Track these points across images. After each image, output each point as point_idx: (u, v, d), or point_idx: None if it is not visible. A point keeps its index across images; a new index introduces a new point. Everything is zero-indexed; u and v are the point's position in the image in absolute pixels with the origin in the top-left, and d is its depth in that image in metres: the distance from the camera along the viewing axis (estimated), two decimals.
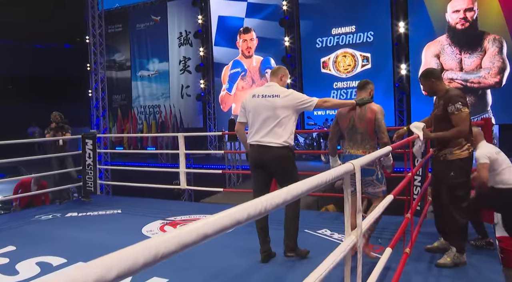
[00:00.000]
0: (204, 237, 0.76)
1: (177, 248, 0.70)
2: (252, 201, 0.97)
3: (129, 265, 0.60)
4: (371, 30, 12.87)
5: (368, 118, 3.58)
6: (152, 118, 16.94)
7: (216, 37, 15.69)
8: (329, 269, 1.43)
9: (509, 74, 11.07)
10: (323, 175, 1.40)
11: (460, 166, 3.49)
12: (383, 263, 2.34)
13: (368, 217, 2.00)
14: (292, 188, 1.11)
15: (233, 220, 0.84)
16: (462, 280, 3.25)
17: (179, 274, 3.44)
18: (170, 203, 7.02)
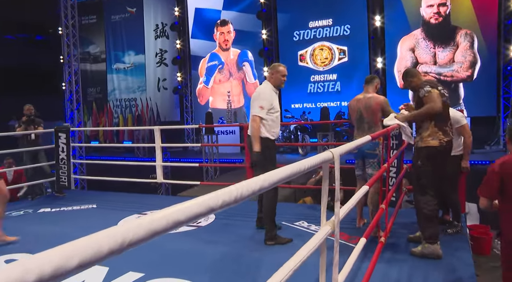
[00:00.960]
0: (176, 224, 0.74)
1: (146, 234, 0.67)
2: (228, 187, 0.95)
3: (93, 253, 0.57)
4: (348, 23, 12.96)
5: (374, 109, 4.05)
6: (128, 112, 16.68)
7: (193, 29, 15.52)
8: (305, 257, 1.43)
9: (480, 68, 11.34)
10: (302, 162, 1.39)
11: (426, 154, 3.51)
12: (357, 252, 2.36)
13: (344, 207, 2.02)
14: (269, 174, 1.10)
15: (206, 206, 0.82)
16: (433, 267, 3.32)
17: (155, 268, 3.41)
18: (146, 196, 6.94)
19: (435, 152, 3.50)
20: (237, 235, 4.34)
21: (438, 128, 3.50)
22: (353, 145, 2.15)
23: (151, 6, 16.26)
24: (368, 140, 2.59)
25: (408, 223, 4.48)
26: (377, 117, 4.08)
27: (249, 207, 5.41)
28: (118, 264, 3.37)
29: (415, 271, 3.28)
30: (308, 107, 13.37)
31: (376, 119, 4.08)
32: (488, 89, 11.30)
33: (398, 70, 12.27)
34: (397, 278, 3.12)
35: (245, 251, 3.82)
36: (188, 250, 3.89)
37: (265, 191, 1.07)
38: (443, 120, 3.54)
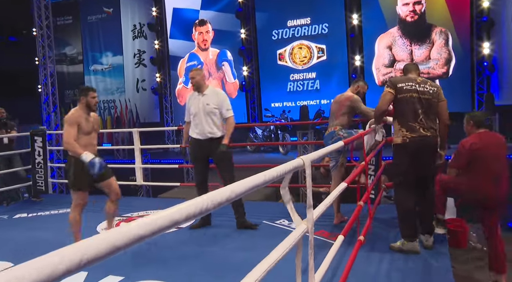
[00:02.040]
0: (139, 239, 0.72)
1: (106, 252, 0.65)
2: (194, 199, 0.95)
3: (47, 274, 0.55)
4: (326, 22, 13.05)
5: (341, 103, 4.36)
6: (107, 114, 16.44)
7: (171, 29, 15.39)
8: (280, 256, 1.44)
9: (454, 65, 11.57)
10: (274, 170, 1.40)
11: (394, 151, 3.59)
12: (335, 249, 2.38)
13: (320, 206, 2.03)
14: (237, 185, 1.10)
15: (171, 220, 0.81)
16: (411, 261, 3.38)
17: (135, 271, 3.38)
18: (126, 199, 6.82)
19: (400, 149, 3.50)
20: (218, 235, 4.34)
21: (401, 125, 3.50)
22: (324, 151, 2.19)
23: (128, 6, 16.07)
24: (341, 145, 2.66)
25: (387, 219, 4.54)
26: (341, 110, 4.34)
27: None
28: (97, 268, 3.32)
29: (393, 266, 3.33)
30: (288, 106, 13.42)
31: (338, 113, 4.36)
32: (463, 86, 11.54)
33: (376, 67, 12.42)
34: (375, 274, 3.16)
35: (226, 251, 3.82)
36: (168, 251, 3.87)
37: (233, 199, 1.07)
38: (407, 116, 3.49)
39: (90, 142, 3.91)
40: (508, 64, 11.12)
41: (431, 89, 3.59)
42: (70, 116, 3.82)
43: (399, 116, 3.53)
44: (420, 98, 3.53)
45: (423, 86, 3.57)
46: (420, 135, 3.45)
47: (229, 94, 14.39)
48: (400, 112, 3.52)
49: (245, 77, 14.08)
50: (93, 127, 3.95)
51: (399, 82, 3.58)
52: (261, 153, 12.58)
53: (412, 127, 3.47)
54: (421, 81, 3.62)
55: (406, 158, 3.50)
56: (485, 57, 11.14)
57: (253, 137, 12.70)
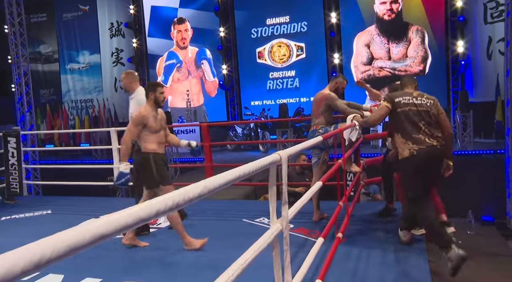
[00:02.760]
0: (101, 237, 0.70)
1: (66, 251, 0.63)
2: (164, 195, 0.93)
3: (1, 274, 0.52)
4: (305, 20, 13.11)
5: (318, 102, 4.36)
6: (84, 113, 16.16)
7: (149, 28, 15.22)
8: (254, 254, 1.43)
9: (431, 63, 11.78)
10: (249, 165, 1.38)
11: (402, 165, 3.59)
12: (316, 250, 2.39)
13: (296, 204, 2.03)
14: (210, 180, 1.08)
15: (136, 217, 0.79)
16: (389, 257, 3.42)
17: (112, 273, 3.32)
18: (104, 200, 6.76)
19: (408, 162, 3.47)
20: (197, 235, 4.30)
21: (406, 138, 3.47)
22: (300, 147, 2.18)
23: (105, 4, 15.81)
24: (320, 140, 2.66)
25: (365, 216, 4.59)
26: (319, 109, 4.37)
27: (213, 204, 5.38)
28: (73, 270, 3.26)
29: (371, 262, 3.36)
30: (268, 104, 13.43)
31: (316, 112, 4.38)
32: (439, 83, 11.75)
33: (354, 65, 12.54)
34: (354, 271, 3.18)
35: (203, 250, 3.78)
36: (147, 252, 3.82)
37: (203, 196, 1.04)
38: (409, 130, 3.47)
39: (160, 140, 3.80)
40: (481, 63, 11.37)
41: (428, 101, 3.59)
42: (138, 116, 3.69)
43: (401, 131, 3.52)
44: (418, 110, 3.53)
45: (420, 99, 3.59)
46: (428, 145, 3.42)
47: (208, 93, 14.35)
48: (402, 127, 3.52)
49: (225, 75, 14.03)
50: (162, 125, 3.83)
51: (396, 97, 3.61)
52: (241, 151, 12.57)
53: (417, 139, 3.44)
54: (417, 94, 3.63)
55: (416, 170, 3.47)
56: (460, 56, 11.37)
57: (233, 136, 12.68)
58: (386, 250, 3.61)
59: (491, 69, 11.09)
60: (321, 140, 2.93)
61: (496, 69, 10.84)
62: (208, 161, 5.68)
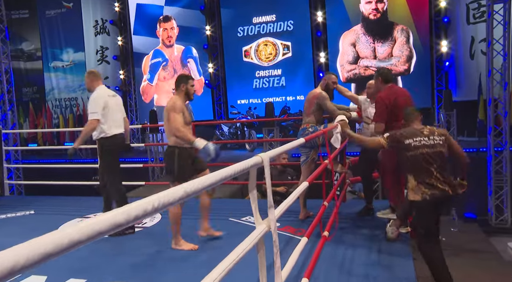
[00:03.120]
0: (75, 244, 0.68)
1: (41, 258, 0.61)
2: (146, 199, 0.92)
3: None
4: (291, 19, 13.13)
5: (310, 101, 4.43)
6: (69, 112, 15.95)
7: (135, 26, 15.08)
8: (240, 256, 1.43)
9: (415, 62, 11.91)
10: (232, 168, 1.39)
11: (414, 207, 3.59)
12: (300, 248, 2.40)
13: (281, 205, 2.04)
14: (189, 184, 1.07)
15: (111, 223, 0.77)
16: (374, 255, 3.45)
17: (97, 273, 3.30)
18: (89, 199, 6.68)
19: (420, 205, 3.40)
20: (182, 233, 4.28)
21: (418, 182, 3.38)
22: (282, 149, 2.18)
23: (89, 1, 15.59)
24: (301, 142, 2.68)
25: (351, 214, 4.63)
26: (310, 108, 4.43)
27: (199, 203, 5.35)
28: (57, 271, 3.23)
29: (357, 259, 3.39)
30: (254, 103, 13.43)
31: (308, 110, 4.45)
32: (424, 82, 11.90)
33: (340, 64, 12.61)
34: (340, 269, 3.20)
35: (191, 250, 3.77)
36: (131, 252, 3.80)
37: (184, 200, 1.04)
38: (422, 174, 3.37)
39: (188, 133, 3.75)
40: (464, 62, 11.54)
41: (440, 138, 3.43)
42: (176, 104, 3.66)
43: (414, 174, 3.41)
44: (430, 153, 3.39)
45: (432, 139, 3.41)
46: (440, 190, 3.36)
47: (195, 91, 14.26)
48: (413, 170, 3.41)
49: (211, 74, 13.99)
50: (189, 119, 3.83)
51: (406, 139, 3.43)
52: (228, 150, 12.55)
53: (430, 184, 3.36)
54: (428, 132, 3.45)
55: (427, 212, 3.44)
56: (444, 55, 11.52)
57: (219, 135, 12.65)
58: (371, 247, 3.65)
59: (474, 69, 11.26)
60: (303, 142, 2.95)
61: (479, 68, 11.01)
62: None
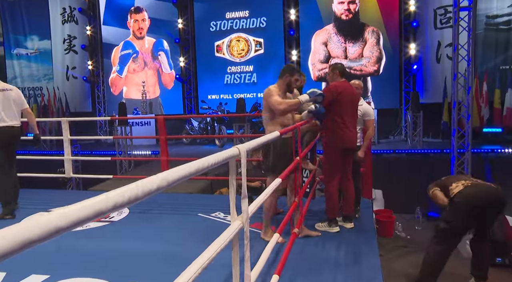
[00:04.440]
0: (57, 231, 0.66)
1: (17, 246, 0.59)
2: (125, 187, 0.90)
3: None
4: (264, 16, 13.14)
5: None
6: (33, 102, 15.38)
7: (104, 15, 14.69)
8: (214, 254, 1.42)
9: (385, 64, 12.17)
10: (208, 158, 1.37)
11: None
12: (272, 245, 2.41)
13: (255, 202, 2.04)
14: (169, 173, 1.06)
15: (95, 211, 0.76)
16: (342, 251, 3.52)
17: (60, 269, 3.20)
18: (53, 192, 6.49)
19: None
20: (150, 229, 4.23)
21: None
22: (259, 141, 2.18)
23: None
24: (276, 135, 2.67)
25: (319, 211, 4.68)
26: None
27: (169, 198, 5.30)
28: (17, 267, 3.10)
29: (326, 256, 3.44)
30: (225, 99, 13.38)
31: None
32: (392, 83, 12.18)
33: (311, 63, 12.72)
34: (309, 265, 3.25)
35: (158, 246, 3.73)
36: (97, 247, 3.71)
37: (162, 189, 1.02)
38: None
39: (284, 122, 3.68)
40: (431, 66, 11.89)
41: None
42: (271, 89, 3.64)
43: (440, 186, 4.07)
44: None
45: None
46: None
47: (165, 85, 14.10)
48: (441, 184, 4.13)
49: (182, 68, 13.83)
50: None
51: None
52: (197, 145, 12.47)
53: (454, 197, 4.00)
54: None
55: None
56: (412, 58, 11.83)
57: (189, 129, 12.55)
58: (340, 243, 3.71)
59: (440, 72, 11.63)
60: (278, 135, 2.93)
61: (444, 72, 11.38)
62: (164, 155, 5.57)
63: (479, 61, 11.17)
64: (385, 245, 5.54)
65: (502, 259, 5.15)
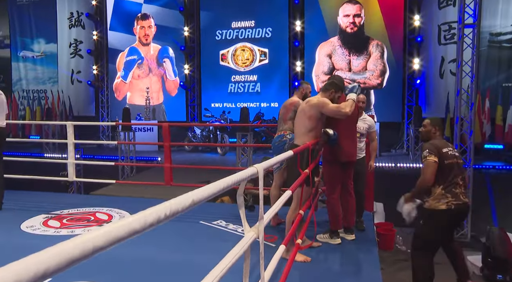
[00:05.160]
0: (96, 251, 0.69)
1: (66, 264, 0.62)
2: (155, 207, 0.93)
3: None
4: (270, 26, 13.25)
5: (287, 107, 4.42)
6: (36, 104, 15.48)
7: (111, 21, 14.83)
8: (229, 265, 1.45)
9: (388, 77, 12.24)
10: (230, 178, 1.44)
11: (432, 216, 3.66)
12: (278, 255, 2.43)
13: (267, 213, 2.07)
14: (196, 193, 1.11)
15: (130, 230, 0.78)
16: (345, 263, 3.53)
17: (62, 273, 3.20)
18: (55, 195, 6.50)
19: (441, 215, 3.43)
20: (150, 235, 4.22)
21: (446, 191, 3.44)
22: (275, 160, 2.25)
23: None
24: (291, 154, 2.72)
25: (321, 222, 4.69)
26: (287, 115, 4.39)
27: None
28: None
29: (328, 268, 3.45)
30: (228, 107, 13.45)
31: (285, 116, 4.42)
32: (395, 97, 12.24)
33: (315, 74, 12.81)
34: (312, 277, 3.26)
35: (163, 253, 3.74)
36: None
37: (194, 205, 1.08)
38: (451, 183, 3.45)
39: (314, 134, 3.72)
40: (434, 81, 11.96)
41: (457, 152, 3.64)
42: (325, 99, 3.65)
43: (443, 182, 3.45)
44: (458, 163, 3.52)
45: (455, 151, 3.61)
46: (463, 202, 3.43)
47: (169, 92, 14.17)
48: (444, 178, 3.45)
49: (186, 75, 13.92)
50: None
51: (442, 147, 3.49)
52: (199, 153, 12.50)
53: (456, 194, 3.43)
54: (451, 145, 3.67)
55: (444, 224, 3.50)
56: (415, 72, 11.91)
57: (192, 137, 12.59)
58: (342, 256, 3.72)
59: (443, 88, 11.68)
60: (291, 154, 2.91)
61: (447, 88, 11.43)
62: (167, 162, 5.60)
63: (482, 78, 11.23)
64: (386, 258, 5.54)
65: (503, 276, 5.14)
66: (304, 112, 3.72)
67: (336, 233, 4.06)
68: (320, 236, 4.11)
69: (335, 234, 4.05)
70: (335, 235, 4.04)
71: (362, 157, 4.63)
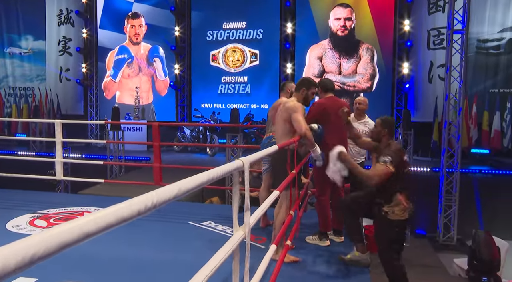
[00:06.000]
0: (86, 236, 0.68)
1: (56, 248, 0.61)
2: (142, 196, 0.93)
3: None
4: (261, 28, 13.26)
5: (275, 108, 4.20)
6: (23, 102, 15.29)
7: (101, 19, 14.71)
8: (219, 264, 1.44)
9: (378, 81, 12.34)
10: (215, 170, 1.41)
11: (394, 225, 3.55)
12: (268, 257, 2.43)
13: (257, 212, 2.07)
14: (183, 183, 1.09)
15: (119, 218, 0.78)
16: (333, 265, 3.55)
17: (48, 272, 3.17)
18: (42, 194, 6.41)
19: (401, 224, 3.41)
20: (139, 235, 4.21)
21: (410, 200, 3.42)
22: (261, 154, 2.23)
23: None
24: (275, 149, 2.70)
25: (310, 224, 4.71)
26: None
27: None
28: None
29: (316, 269, 3.47)
30: (218, 108, 13.43)
31: (274, 118, 4.21)
32: (385, 101, 12.34)
33: None
34: (301, 277, 3.27)
35: (147, 252, 3.72)
36: (86, 251, 3.68)
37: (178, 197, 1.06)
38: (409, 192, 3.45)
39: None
40: (422, 85, 12.09)
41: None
42: (298, 105, 3.56)
43: (405, 191, 3.40)
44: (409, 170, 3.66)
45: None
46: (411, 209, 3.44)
47: (158, 91, 14.11)
48: (405, 187, 3.41)
49: (176, 75, 13.87)
50: None
51: (403, 155, 3.43)
52: (188, 153, 12.46)
53: (411, 201, 3.43)
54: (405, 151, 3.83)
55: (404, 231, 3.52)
56: (405, 77, 12.03)
57: (181, 137, 12.54)
58: (330, 258, 3.74)
59: (431, 92, 11.82)
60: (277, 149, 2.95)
61: (435, 92, 11.56)
62: (157, 161, 5.57)
63: (469, 84, 11.38)
64: (374, 260, 5.56)
65: (488, 278, 5.21)
66: (280, 115, 3.71)
67: (325, 234, 4.07)
68: (309, 238, 4.12)
69: (324, 235, 4.06)
70: (324, 237, 4.06)
71: (361, 162, 4.61)
